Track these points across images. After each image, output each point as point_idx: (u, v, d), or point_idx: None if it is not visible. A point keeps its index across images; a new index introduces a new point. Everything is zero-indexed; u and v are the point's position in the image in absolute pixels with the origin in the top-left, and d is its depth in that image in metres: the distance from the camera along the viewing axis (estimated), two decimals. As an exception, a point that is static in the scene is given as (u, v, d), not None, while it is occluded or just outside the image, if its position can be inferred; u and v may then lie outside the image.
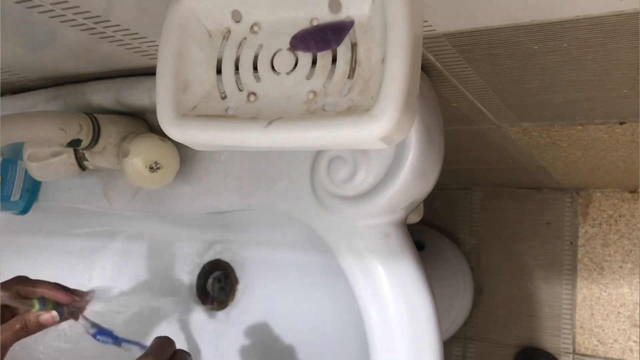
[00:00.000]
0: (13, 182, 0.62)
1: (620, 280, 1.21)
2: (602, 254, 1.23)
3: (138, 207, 0.60)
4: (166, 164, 0.53)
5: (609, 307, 1.21)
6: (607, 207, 1.24)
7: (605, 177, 1.10)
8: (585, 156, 0.90)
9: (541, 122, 0.70)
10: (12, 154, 0.62)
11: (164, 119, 0.36)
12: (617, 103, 0.60)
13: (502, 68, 0.49)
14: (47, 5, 0.38)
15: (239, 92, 0.36)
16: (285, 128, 0.32)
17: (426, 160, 0.45)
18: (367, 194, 0.47)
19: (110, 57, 0.48)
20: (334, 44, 0.33)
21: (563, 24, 0.38)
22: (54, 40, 0.45)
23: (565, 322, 1.24)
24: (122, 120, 0.55)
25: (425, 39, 0.41)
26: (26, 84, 0.59)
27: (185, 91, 0.36)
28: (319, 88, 0.34)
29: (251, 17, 0.35)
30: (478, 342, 1.32)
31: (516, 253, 1.30)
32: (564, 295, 1.25)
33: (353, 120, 0.31)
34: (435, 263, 1.25)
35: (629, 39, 0.40)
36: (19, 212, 0.65)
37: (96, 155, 0.54)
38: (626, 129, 0.71)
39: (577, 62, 0.46)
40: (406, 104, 0.30)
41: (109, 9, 0.39)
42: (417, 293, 0.46)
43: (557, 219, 1.28)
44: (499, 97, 0.58)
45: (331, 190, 0.49)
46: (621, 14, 0.36)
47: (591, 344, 1.22)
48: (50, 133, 0.47)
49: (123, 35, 0.43)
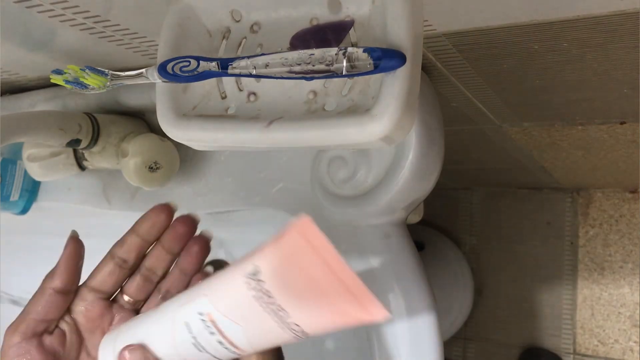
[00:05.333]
0: (12, 182, 0.62)
1: (621, 281, 1.21)
2: (602, 254, 1.23)
3: (138, 207, 0.60)
4: (166, 163, 0.53)
5: (609, 308, 1.21)
6: (608, 207, 1.24)
7: (605, 177, 1.10)
8: (585, 156, 0.90)
9: (541, 122, 0.70)
10: (12, 154, 0.62)
11: (164, 119, 0.35)
12: (618, 103, 0.60)
13: (503, 68, 0.49)
14: (47, 4, 0.38)
15: (239, 92, 0.36)
16: (285, 128, 0.32)
17: (426, 160, 0.45)
18: (367, 194, 0.47)
19: (109, 56, 0.48)
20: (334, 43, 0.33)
21: (563, 24, 0.38)
22: (54, 39, 0.45)
23: (566, 323, 1.24)
24: (122, 120, 0.55)
25: (425, 39, 0.41)
26: (25, 83, 0.59)
27: (185, 91, 0.36)
28: (320, 88, 0.34)
29: (251, 16, 0.35)
30: (478, 342, 1.32)
31: (516, 253, 1.30)
32: (564, 295, 1.25)
33: (353, 120, 0.31)
34: (435, 263, 1.25)
35: (629, 39, 0.40)
36: (18, 212, 0.65)
37: (96, 155, 0.54)
38: (627, 129, 0.71)
39: (578, 61, 0.46)
40: (406, 104, 0.30)
41: (109, 9, 0.39)
42: (417, 293, 0.46)
43: (558, 219, 1.27)
44: (499, 96, 0.58)
45: (331, 190, 0.49)
46: (621, 14, 0.36)
47: (592, 344, 1.22)
48: (50, 133, 0.47)
49: (123, 35, 0.43)
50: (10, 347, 0.33)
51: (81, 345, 0.35)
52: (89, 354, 0.35)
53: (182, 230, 0.36)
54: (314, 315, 0.29)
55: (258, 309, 0.29)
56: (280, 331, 0.30)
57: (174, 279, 0.37)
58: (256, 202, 0.54)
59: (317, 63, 0.30)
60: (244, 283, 0.29)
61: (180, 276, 0.37)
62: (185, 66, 0.33)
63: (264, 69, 0.31)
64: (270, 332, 0.30)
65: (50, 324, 0.34)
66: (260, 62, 0.31)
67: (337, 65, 0.30)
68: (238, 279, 0.30)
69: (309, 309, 0.29)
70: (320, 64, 0.30)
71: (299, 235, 0.29)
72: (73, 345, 0.35)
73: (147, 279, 0.36)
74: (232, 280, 0.30)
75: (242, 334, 0.30)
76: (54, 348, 0.34)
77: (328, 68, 0.30)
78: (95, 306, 0.35)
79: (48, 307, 0.34)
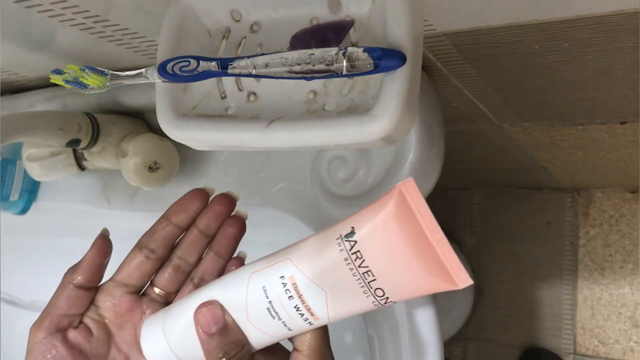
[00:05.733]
0: (12, 182, 0.62)
1: (621, 281, 1.21)
2: (603, 254, 1.23)
3: (138, 207, 0.60)
4: (165, 164, 0.53)
5: (609, 308, 1.21)
6: (608, 207, 1.24)
7: (606, 177, 1.10)
8: (586, 156, 0.90)
9: (542, 121, 0.70)
10: (12, 154, 0.62)
11: (163, 119, 0.35)
12: (618, 103, 0.60)
13: (503, 67, 0.48)
14: (47, 4, 0.38)
15: (239, 91, 0.36)
16: (285, 128, 0.32)
17: (426, 160, 0.45)
18: (368, 194, 0.47)
19: (109, 56, 0.48)
20: (334, 43, 0.33)
21: (563, 24, 0.38)
22: (53, 39, 0.45)
23: (566, 323, 1.24)
24: (122, 120, 0.55)
25: (425, 39, 0.41)
26: (25, 83, 0.59)
27: (185, 91, 0.36)
28: (319, 88, 0.34)
29: (251, 16, 0.35)
30: (478, 343, 1.32)
31: (517, 253, 1.30)
32: (564, 295, 1.25)
33: (353, 120, 0.30)
34: (436, 263, 1.24)
35: (629, 39, 0.40)
36: (18, 212, 0.65)
37: (95, 155, 0.54)
38: (627, 129, 0.71)
39: (578, 61, 0.46)
40: (407, 104, 0.30)
41: (108, 9, 0.39)
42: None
43: (558, 219, 1.27)
44: (499, 96, 0.58)
45: (331, 190, 0.49)
46: (621, 13, 0.36)
47: (592, 344, 1.22)
48: (49, 133, 0.47)
49: (122, 35, 0.43)
50: (35, 344, 0.33)
51: (110, 341, 0.34)
52: (120, 349, 0.34)
53: (220, 210, 0.35)
54: (402, 280, 0.28)
55: (346, 272, 0.29)
56: (364, 297, 0.29)
57: (207, 265, 0.35)
58: (256, 202, 0.54)
59: (317, 63, 0.30)
60: (336, 244, 0.29)
61: (214, 260, 0.35)
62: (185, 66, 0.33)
63: (264, 68, 0.31)
64: (353, 298, 0.29)
65: (73, 319, 0.34)
66: (260, 62, 0.31)
67: (337, 65, 0.30)
68: (330, 240, 0.29)
69: (397, 275, 0.28)
70: (320, 63, 0.30)
71: (401, 199, 0.28)
72: (101, 341, 0.34)
73: (179, 268, 0.35)
74: (323, 242, 0.29)
75: (323, 299, 0.29)
76: (80, 343, 0.33)
77: (328, 68, 0.30)
78: (123, 301, 0.34)
79: (70, 301, 0.33)
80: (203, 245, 0.35)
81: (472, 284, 0.27)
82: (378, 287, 0.29)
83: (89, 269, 0.34)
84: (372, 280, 0.28)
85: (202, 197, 0.35)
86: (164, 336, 0.32)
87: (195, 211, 0.35)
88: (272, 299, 0.30)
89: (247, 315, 0.31)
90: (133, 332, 0.34)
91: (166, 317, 0.33)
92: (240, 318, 0.31)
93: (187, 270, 0.35)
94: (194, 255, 0.35)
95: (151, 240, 0.34)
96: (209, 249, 0.35)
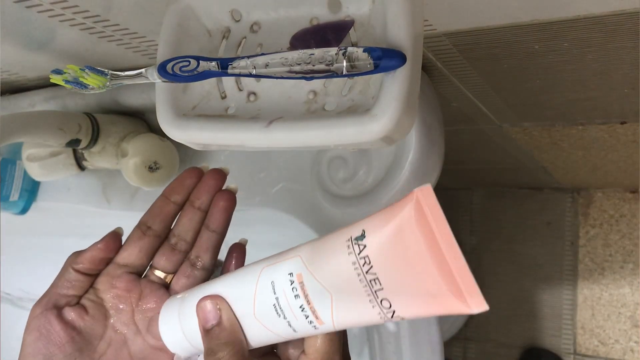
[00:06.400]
0: (12, 182, 0.62)
1: (622, 281, 1.21)
2: (603, 254, 1.23)
3: (137, 207, 0.60)
4: (165, 163, 0.53)
5: (610, 308, 1.21)
6: (608, 207, 1.24)
7: (606, 177, 1.10)
8: (586, 156, 0.90)
9: (542, 121, 0.70)
10: (12, 154, 0.62)
11: (163, 119, 0.35)
12: (618, 103, 0.60)
13: (503, 67, 0.48)
14: (46, 4, 0.38)
15: (239, 91, 0.36)
16: (285, 128, 0.32)
17: (427, 160, 0.45)
18: (367, 194, 0.47)
19: (109, 56, 0.48)
20: (334, 43, 0.33)
21: (564, 24, 0.38)
22: (53, 39, 0.45)
23: (566, 323, 1.24)
24: (122, 120, 0.55)
25: (425, 39, 0.41)
26: (25, 83, 0.59)
27: (185, 91, 0.36)
28: (319, 88, 0.34)
29: (251, 16, 0.35)
30: (478, 343, 1.32)
31: (517, 253, 1.30)
32: (564, 295, 1.25)
33: (353, 120, 0.30)
34: (436, 263, 1.24)
35: (629, 38, 0.40)
36: (18, 212, 0.65)
37: (95, 155, 0.54)
38: (627, 129, 0.71)
39: (578, 61, 0.46)
40: (407, 104, 0.30)
41: (108, 9, 0.39)
42: (417, 293, 0.45)
43: (558, 219, 1.27)
44: (499, 96, 0.58)
45: (331, 190, 0.49)
46: (622, 13, 0.36)
47: (592, 344, 1.22)
48: (49, 133, 0.47)
49: (122, 35, 0.43)
50: (32, 320, 0.34)
51: (107, 322, 0.35)
52: (117, 330, 0.35)
53: (212, 183, 0.36)
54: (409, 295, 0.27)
55: (353, 277, 0.27)
56: (369, 306, 0.28)
57: (202, 241, 0.36)
58: (256, 202, 0.54)
59: (317, 63, 0.30)
60: (345, 246, 0.28)
61: (209, 235, 0.36)
62: (185, 66, 0.33)
63: (263, 68, 0.31)
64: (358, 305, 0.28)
65: (71, 299, 0.34)
66: (260, 62, 0.31)
67: (337, 65, 0.30)
68: (341, 241, 0.28)
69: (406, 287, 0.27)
70: (320, 63, 0.30)
71: (417, 206, 0.26)
72: (96, 320, 0.34)
73: (175, 247, 0.35)
74: (334, 242, 0.28)
75: (328, 303, 0.28)
76: (74, 320, 0.34)
77: (328, 68, 0.30)
78: (121, 282, 0.35)
79: (69, 283, 0.34)
80: (197, 220, 0.36)
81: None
82: (384, 298, 0.27)
83: (91, 260, 0.35)
84: (379, 289, 0.27)
85: (197, 174, 0.36)
86: (179, 324, 0.33)
87: (190, 187, 0.36)
88: (279, 295, 0.30)
89: (254, 310, 0.31)
90: (131, 314, 0.35)
91: (182, 304, 0.33)
92: (247, 313, 0.31)
93: (184, 249, 0.36)
94: (190, 232, 0.36)
95: (149, 218, 0.35)
96: (204, 227, 0.36)
